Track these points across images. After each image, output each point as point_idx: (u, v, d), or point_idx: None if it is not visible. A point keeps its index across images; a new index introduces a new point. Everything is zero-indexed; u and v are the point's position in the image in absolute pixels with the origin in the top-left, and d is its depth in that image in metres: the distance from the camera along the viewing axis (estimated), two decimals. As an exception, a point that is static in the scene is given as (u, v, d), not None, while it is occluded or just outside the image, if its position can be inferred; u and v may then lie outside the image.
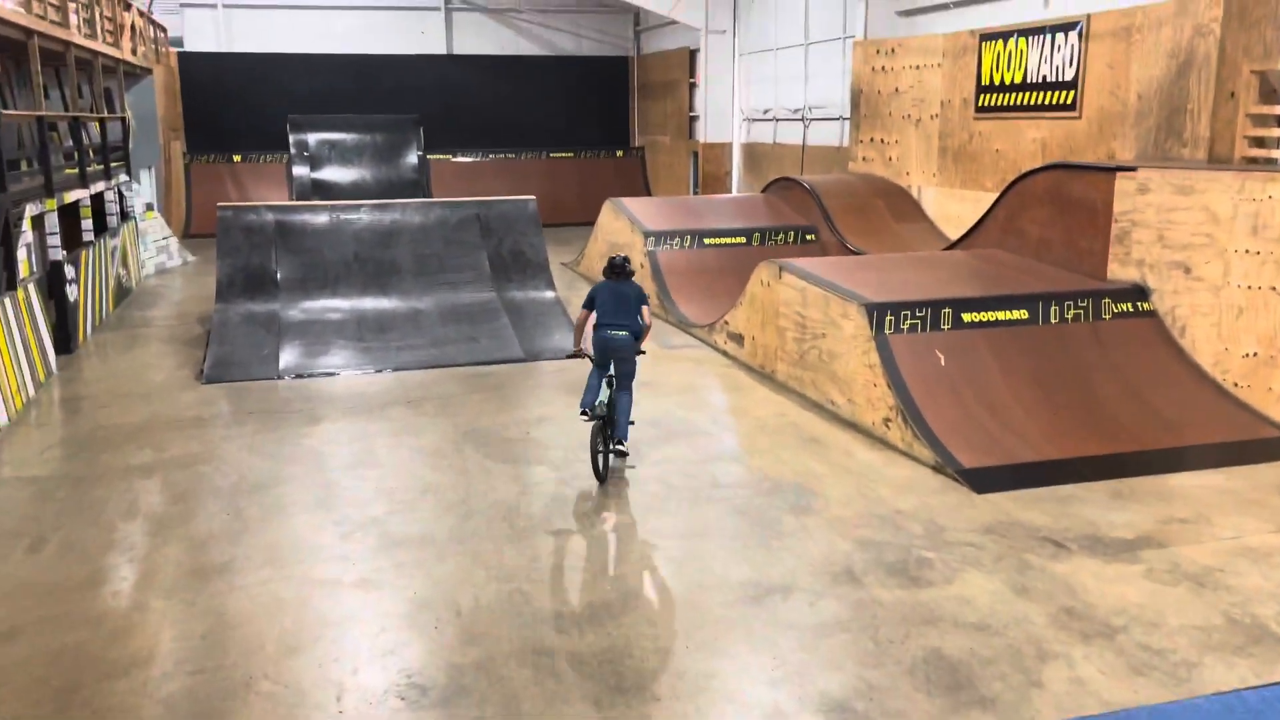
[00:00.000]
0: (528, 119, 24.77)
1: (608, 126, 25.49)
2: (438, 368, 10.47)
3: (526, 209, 13.02)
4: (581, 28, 25.17)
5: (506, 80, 24.63)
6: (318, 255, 12.04)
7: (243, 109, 23.02)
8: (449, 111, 24.28)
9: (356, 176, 22.94)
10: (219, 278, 11.61)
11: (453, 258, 12.43)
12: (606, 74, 25.34)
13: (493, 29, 24.80)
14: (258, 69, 23.16)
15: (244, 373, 10.17)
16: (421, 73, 24.21)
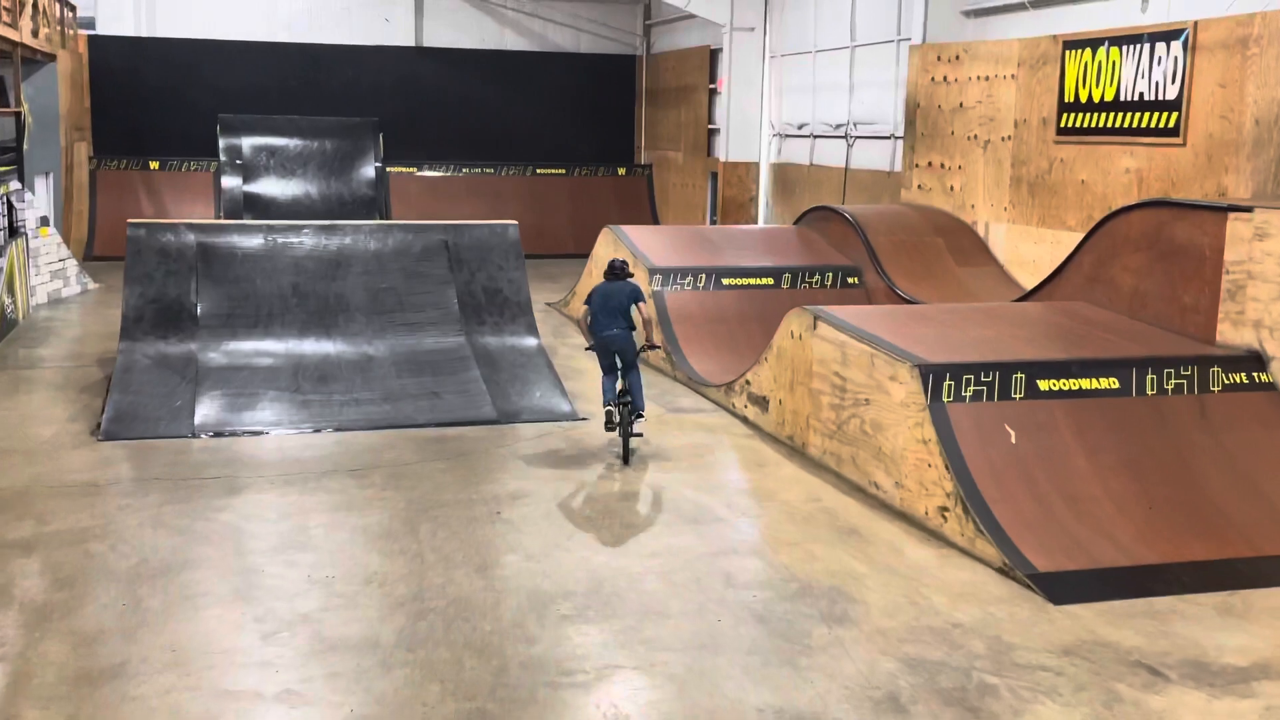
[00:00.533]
0: (511, 127, 25.11)
1: (608, 139, 25.83)
2: (390, 428, 10.49)
3: (506, 236, 13.11)
4: (580, 19, 25.62)
5: (487, 80, 25.01)
6: (248, 286, 12.10)
7: (164, 106, 23.35)
8: (415, 116, 24.62)
9: (299, 191, 23.17)
10: (125, 310, 11.67)
11: (414, 294, 12.49)
12: (608, 75, 25.74)
13: (472, 18, 25.23)
14: (184, 58, 23.53)
15: (151, 428, 10.17)
16: (383, 69, 24.60)
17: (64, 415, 10.80)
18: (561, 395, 11.42)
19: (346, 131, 24.04)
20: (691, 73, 23.27)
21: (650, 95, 25.65)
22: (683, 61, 23.77)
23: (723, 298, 13.61)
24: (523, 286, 12.83)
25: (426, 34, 25.04)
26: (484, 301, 12.64)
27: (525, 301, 12.76)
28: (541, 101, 25.29)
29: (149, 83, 23.27)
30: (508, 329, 12.50)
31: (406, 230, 13.05)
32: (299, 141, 23.56)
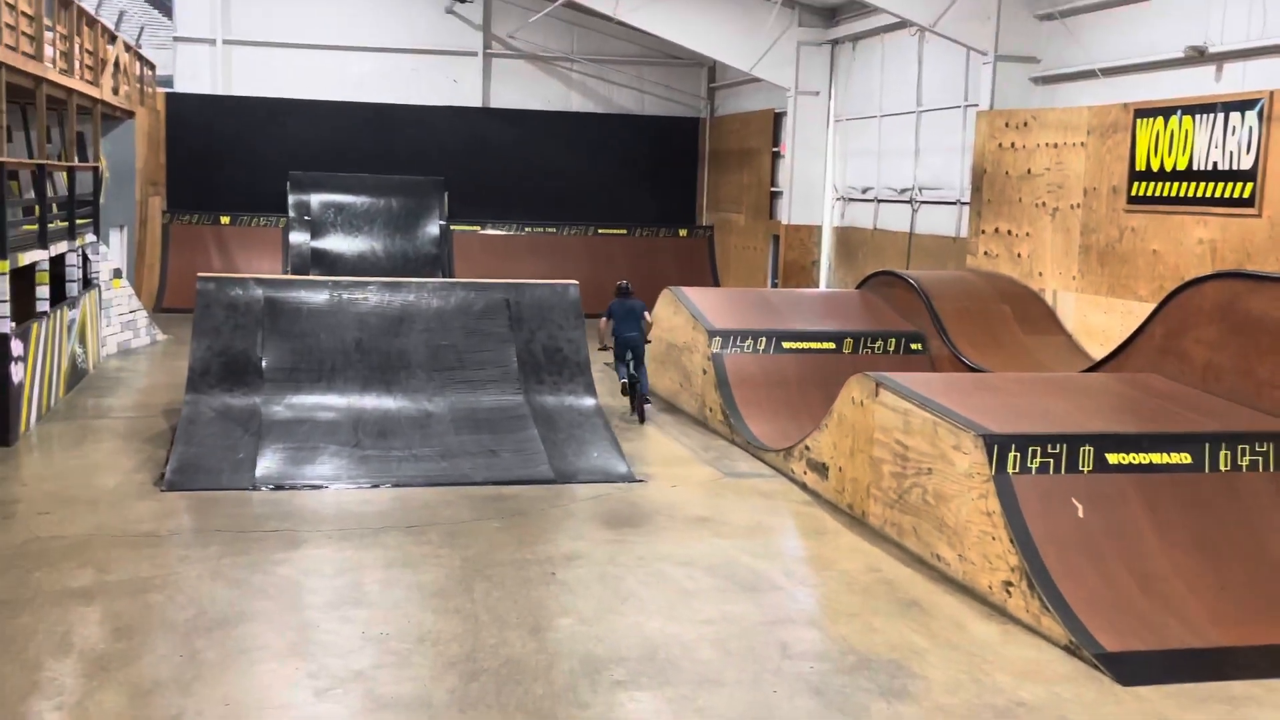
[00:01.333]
0: (574, 187, 25.45)
1: (670, 200, 26.07)
2: (447, 485, 10.57)
3: (567, 296, 13.26)
4: (645, 82, 25.99)
5: (551, 140, 25.41)
6: (312, 341, 12.32)
7: (236, 162, 24.00)
8: (480, 175, 25.06)
9: (365, 248, 23.64)
10: (192, 362, 11.93)
11: (474, 351, 12.63)
12: (672, 137, 26.04)
13: (538, 80, 25.71)
14: (257, 116, 24.20)
15: (213, 480, 10.35)
16: (450, 128, 25.10)
17: (129, 465, 11.02)
18: (619, 456, 11.44)
19: (412, 190, 24.52)
20: (755, 136, 23.46)
21: (713, 157, 25.88)
22: (746, 124, 23.98)
23: (783, 361, 13.58)
24: (582, 346, 12.93)
25: (493, 95, 25.55)
26: (543, 360, 12.75)
27: (584, 361, 12.84)
28: (605, 162, 25.63)
29: (223, 139, 23.95)
30: (566, 388, 12.57)
31: (469, 288, 13.23)
32: (366, 199, 24.08)
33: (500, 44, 25.50)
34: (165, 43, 24.07)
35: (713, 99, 26.17)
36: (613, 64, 25.84)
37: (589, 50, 25.72)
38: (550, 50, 25.52)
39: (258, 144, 24.18)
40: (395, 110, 24.85)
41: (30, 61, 12.89)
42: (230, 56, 24.36)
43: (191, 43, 24.19)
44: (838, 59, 20.71)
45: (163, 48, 23.99)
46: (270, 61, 24.51)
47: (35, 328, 12.66)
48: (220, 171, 23.94)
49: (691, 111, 26.30)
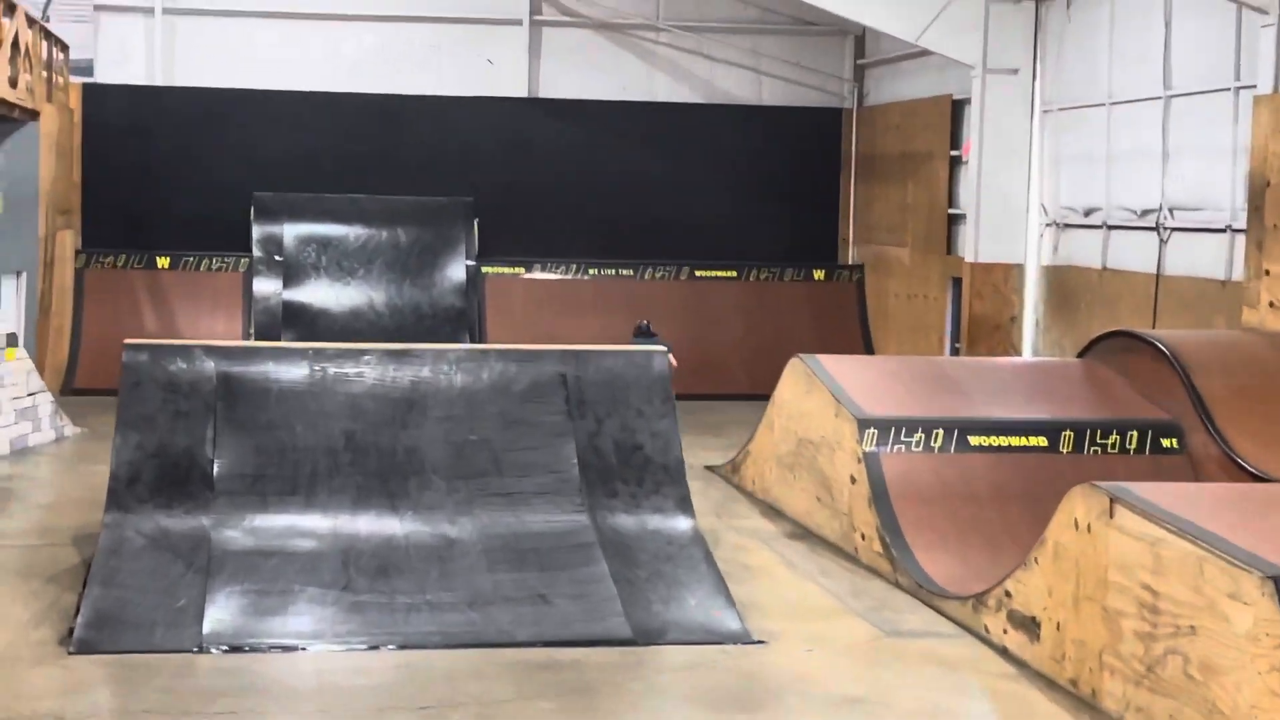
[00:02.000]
0: (660, 210, 25.62)
1: (801, 228, 26.08)
2: (477, 647, 10.54)
3: (649, 369, 13.26)
4: (763, 59, 26.18)
5: (627, 144, 25.66)
6: (284, 435, 12.42)
7: (180, 181, 24.60)
8: (525, 194, 25.35)
9: (360, 300, 23.97)
10: (115, 468, 12.06)
11: (516, 450, 12.64)
12: (802, 137, 26.12)
13: (607, 57, 26.08)
14: (209, 115, 24.82)
15: (143, 638, 10.40)
16: (482, 128, 25.48)
17: (24, 616, 11.11)
18: (727, 605, 11.34)
19: (428, 216, 24.86)
20: (924, 133, 23.42)
21: (863, 165, 25.88)
22: (911, 117, 23.96)
23: (970, 464, 13.42)
24: (672, 441, 12.89)
25: (544, 80, 25.93)
26: (616, 463, 12.72)
27: (676, 464, 12.80)
28: (705, 174, 25.78)
29: (161, 149, 24.56)
30: (649, 504, 12.52)
31: (508, 358, 13.28)
32: (362, 230, 24.46)
33: (554, 7, 25.98)
34: (83, 13, 24.78)
35: (861, 82, 26.26)
36: (716, 33, 26.08)
37: (681, 14, 26.02)
38: (625, 15, 25.86)
39: (210, 154, 24.75)
40: (405, 103, 25.30)
41: (-103, 44, 13.37)
42: (174, 31, 25.07)
43: (119, 12, 24.97)
44: (1045, 21, 20.66)
45: (80, 20, 24.70)
46: (229, 38, 25.19)
47: (-105, 418, 12.97)
48: (157, 193, 24.51)
49: (831, 100, 26.39)
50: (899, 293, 24.21)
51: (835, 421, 14.06)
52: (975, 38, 20.73)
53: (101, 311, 23.52)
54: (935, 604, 11.89)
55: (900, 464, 13.38)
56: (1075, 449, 13.56)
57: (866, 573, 12.99)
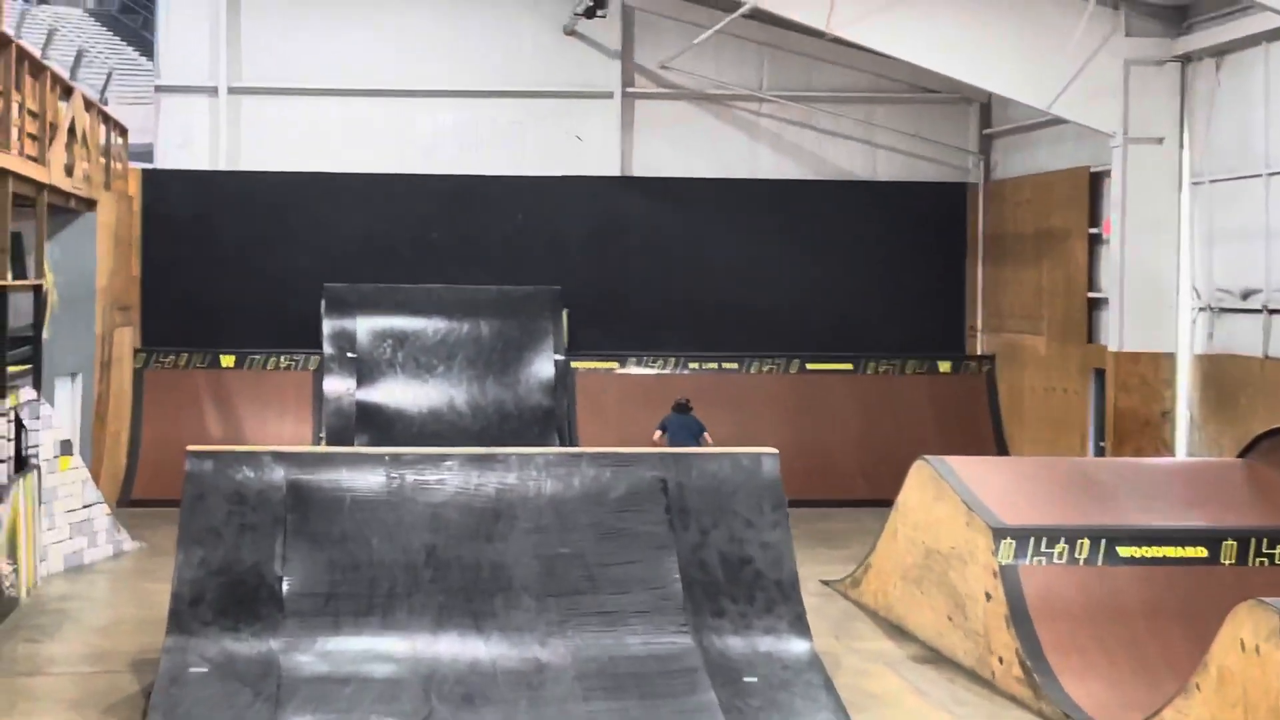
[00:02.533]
0: (767, 298, 25.59)
1: (923, 315, 25.93)
2: (573, 788, 10.47)
3: (759, 473, 13.25)
4: (878, 130, 26.19)
5: (728, 225, 25.70)
6: (359, 550, 12.47)
7: (246, 272, 24.91)
8: (618, 282, 25.43)
9: (440, 400, 24.05)
10: (177, 586, 12.13)
11: (612, 564, 12.64)
12: (924, 215, 26.03)
13: (707, 131, 26.22)
14: (276, 202, 25.18)
15: (206, 777, 10.44)
16: (571, 211, 25.62)
17: (77, 751, 11.18)
18: (851, 738, 11.21)
19: (513, 307, 24.97)
20: (1059, 209, 23.25)
21: (992, 245, 25.73)
22: (1045, 192, 23.81)
23: (1119, 579, 13.23)
24: (785, 554, 12.86)
25: (638, 156, 26.08)
26: (723, 578, 12.68)
27: (789, 579, 12.75)
28: (816, 257, 25.74)
29: (225, 238, 24.90)
30: (761, 624, 12.46)
31: (601, 463, 13.29)
32: (441, 323, 24.59)
33: (648, 79, 26.16)
34: (144, 95, 25.33)
35: (988, 153, 26.17)
36: (825, 103, 26.14)
37: (786, 83, 26.14)
38: (725, 85, 26.02)
39: (277, 243, 25.08)
40: (486, 185, 25.50)
41: (-54, 131, 13.64)
42: (238, 112, 25.50)
43: (182, 93, 25.48)
44: (1192, 85, 20.46)
45: (140, 102, 25.24)
46: (297, 118, 25.57)
47: (-58, 534, 13.10)
48: (221, 287, 24.81)
49: (954, 174, 26.32)
50: (1034, 386, 23.94)
51: (967, 531, 13.87)
52: (1114, 104, 20.56)
53: (162, 415, 23.76)
54: (1085, 735, 11.69)
55: (1041, 578, 13.19)
56: (1239, 560, 13.31)
57: (1005, 700, 12.76)
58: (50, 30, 24.61)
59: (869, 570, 16.40)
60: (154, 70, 25.36)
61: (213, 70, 25.29)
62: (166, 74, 25.36)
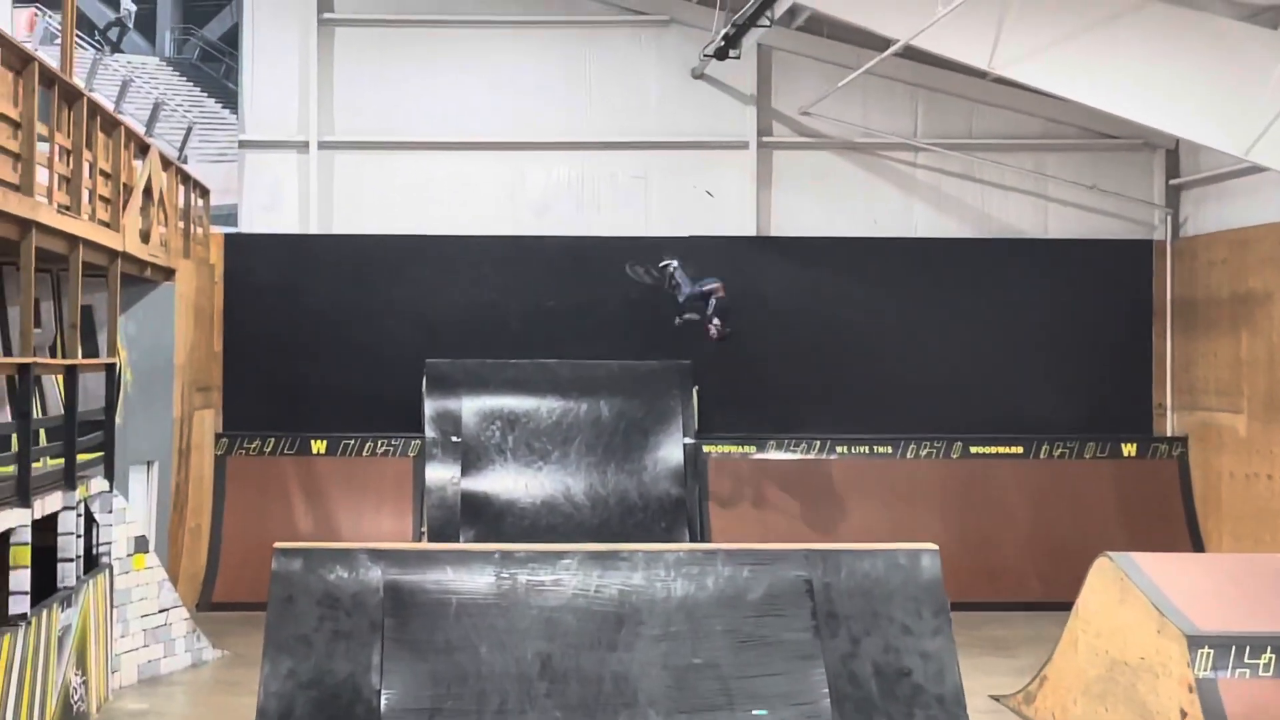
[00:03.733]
0: (923, 371, 25.48)
1: (1103, 391, 25.68)
2: None
3: (917, 572, 13.24)
4: (1049, 181, 26.05)
5: (878, 289, 25.63)
6: (467, 660, 12.50)
7: (338, 347, 25.18)
8: (754, 354, 25.34)
9: (555, 489, 24.07)
10: (263, 701, 12.21)
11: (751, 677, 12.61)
12: (1103, 277, 25.82)
13: (854, 183, 26.26)
14: (372, 267, 25.46)
15: None
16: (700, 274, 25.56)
17: None
18: None
19: (637, 384, 24.99)
20: (1260, 269, 22.99)
21: (1182, 311, 25.46)
22: (1242, 249, 23.56)
23: (1341, 694, 13.00)
24: (948, 665, 12.81)
25: (775, 214, 26.14)
26: (877, 693, 12.63)
27: (954, 693, 12.69)
28: (979, 325, 25.61)
29: (316, 309, 25.20)
30: (921, 750, 12.39)
31: (739, 560, 13.28)
32: (556, 403, 24.66)
33: (787, 126, 26.26)
34: (227, 151, 25.69)
35: (1176, 206, 25.93)
36: (989, 152, 26.08)
37: (944, 130, 26.14)
38: (875, 133, 26.02)
39: (374, 315, 25.33)
40: (606, 247, 25.53)
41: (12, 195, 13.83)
42: (331, 169, 25.89)
43: (269, 149, 25.91)
44: None
45: (222, 159, 25.60)
46: (394, 175, 25.91)
47: (6, 643, 13.18)
48: (311, 363, 25.12)
49: (1137, 230, 26.09)
50: (1234, 472, 23.60)
51: (1158, 639, 13.68)
52: (1322, 149, 20.35)
53: (246, 508, 23.99)
54: None
55: (1245, 693, 13.03)
56: None
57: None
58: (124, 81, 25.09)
59: (1045, 683, 16.18)
60: (238, 124, 25.65)
61: (302, 123, 25.72)
62: (252, 128, 25.78)
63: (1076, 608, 15.65)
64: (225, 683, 17.79)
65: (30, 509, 14.19)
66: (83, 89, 16.57)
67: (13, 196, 13.83)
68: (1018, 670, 17.87)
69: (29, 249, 14.52)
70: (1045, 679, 16.23)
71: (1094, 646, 15.02)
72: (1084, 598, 15.48)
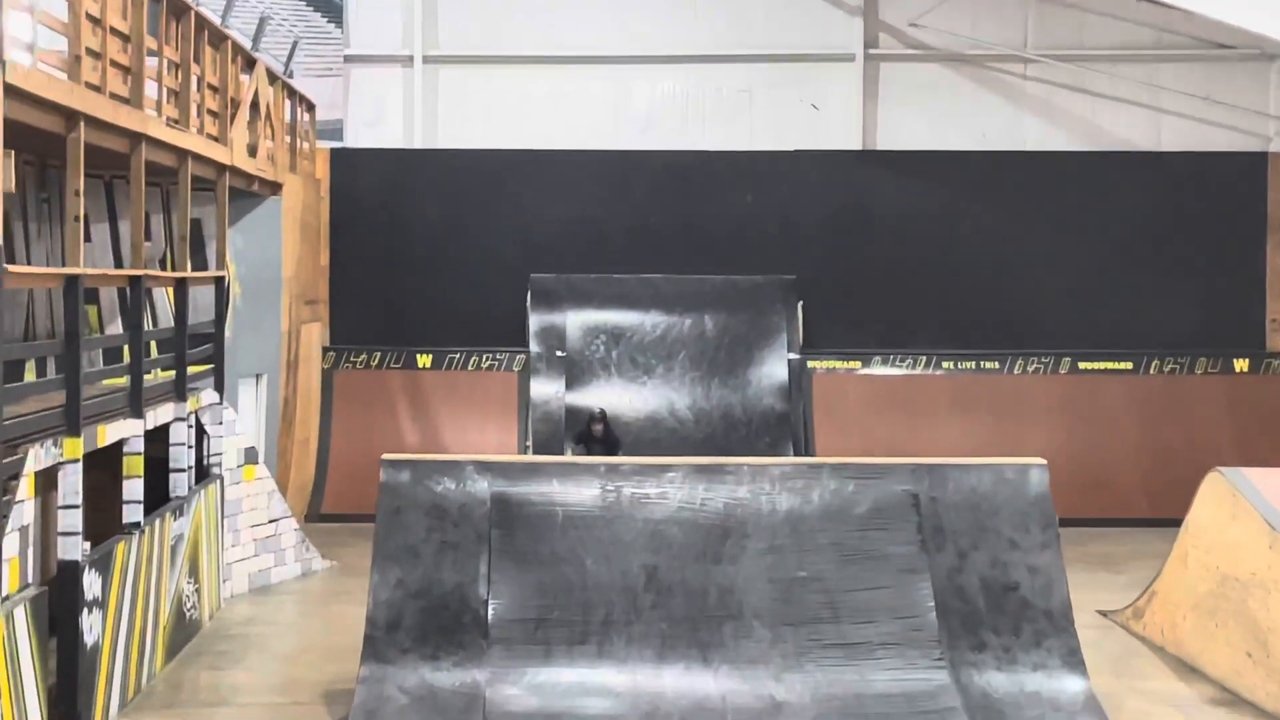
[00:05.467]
0: (1031, 286, 25.37)
1: (1215, 306, 25.47)
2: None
3: (1025, 487, 13.21)
4: (1160, 93, 25.77)
5: (986, 204, 25.50)
6: (572, 571, 12.63)
7: (444, 262, 25.36)
8: (859, 270, 25.38)
9: (659, 404, 24.15)
10: (372, 610, 12.41)
11: (856, 590, 12.67)
12: (1216, 191, 25.57)
13: (962, 96, 26.10)
14: (477, 182, 25.57)
15: (405, 821, 10.67)
16: (806, 190, 25.59)
17: (266, 790, 11.49)
18: (1134, 792, 11.09)
19: (741, 300, 25.02)
20: (1375, 183, 22.73)
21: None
22: (1358, 161, 23.29)
23: None
24: (1056, 579, 12.81)
25: (882, 128, 26.04)
26: (984, 607, 12.67)
27: (1061, 608, 12.71)
28: (1089, 240, 25.46)
29: (421, 224, 25.41)
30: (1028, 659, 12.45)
31: (844, 474, 13.32)
32: (660, 318, 24.69)
33: (894, 38, 26.10)
34: (332, 66, 25.79)
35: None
36: (1100, 63, 25.84)
37: (1055, 41, 25.89)
38: (984, 45, 25.80)
39: (479, 229, 25.50)
40: (710, 162, 25.65)
41: (123, 109, 14.02)
42: (435, 83, 25.97)
43: (374, 63, 26.07)
44: None
45: (328, 74, 25.71)
46: (499, 89, 25.97)
47: (121, 551, 13.50)
48: (417, 277, 25.33)
49: (1253, 143, 25.79)
50: (1352, 388, 23.43)
51: (1271, 554, 13.63)
52: None
53: (353, 420, 24.27)
54: None
55: (1358, 608, 12.95)
56: None
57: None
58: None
59: (1154, 599, 16.16)
60: (343, 39, 25.75)
61: (407, 38, 25.81)
62: (357, 42, 25.89)
63: (1186, 523, 15.60)
64: (334, 592, 18.07)
65: (143, 420, 14.43)
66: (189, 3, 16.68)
67: (123, 110, 14.00)
68: (1126, 586, 17.84)
69: (139, 162, 14.71)
70: (1154, 594, 16.21)
71: (1204, 562, 14.98)
72: (1194, 513, 15.43)
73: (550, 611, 12.46)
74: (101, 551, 13.04)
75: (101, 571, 12.89)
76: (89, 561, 12.56)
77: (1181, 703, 13.88)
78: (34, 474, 11.74)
